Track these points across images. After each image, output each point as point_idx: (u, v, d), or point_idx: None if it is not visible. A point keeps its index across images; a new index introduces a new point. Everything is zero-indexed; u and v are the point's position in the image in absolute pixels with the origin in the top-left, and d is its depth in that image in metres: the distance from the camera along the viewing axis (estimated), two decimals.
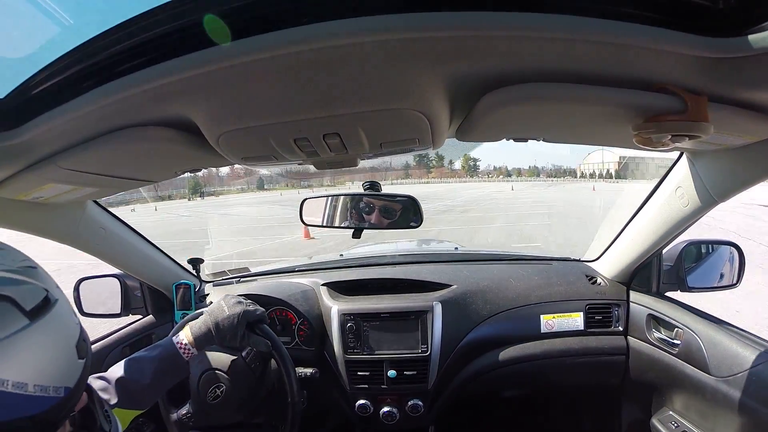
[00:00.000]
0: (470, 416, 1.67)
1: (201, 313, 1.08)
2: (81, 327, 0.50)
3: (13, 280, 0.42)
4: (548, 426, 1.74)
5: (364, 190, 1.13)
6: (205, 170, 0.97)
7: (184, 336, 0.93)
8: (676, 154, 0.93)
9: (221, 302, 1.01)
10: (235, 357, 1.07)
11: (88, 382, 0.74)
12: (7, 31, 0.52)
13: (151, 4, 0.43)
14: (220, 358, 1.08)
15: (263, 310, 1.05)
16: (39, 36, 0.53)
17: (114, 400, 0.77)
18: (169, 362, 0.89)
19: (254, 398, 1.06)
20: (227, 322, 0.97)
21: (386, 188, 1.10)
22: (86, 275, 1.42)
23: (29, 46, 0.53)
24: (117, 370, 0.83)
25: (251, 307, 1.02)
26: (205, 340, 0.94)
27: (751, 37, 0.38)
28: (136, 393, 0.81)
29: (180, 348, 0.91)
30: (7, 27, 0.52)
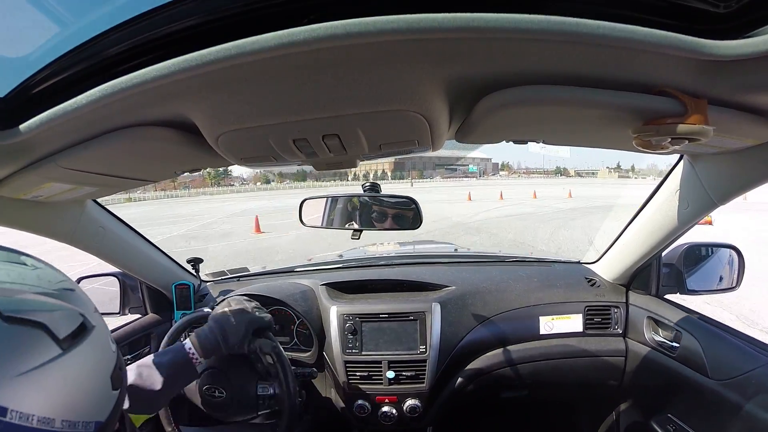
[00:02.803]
0: (468, 417, 1.67)
1: (203, 315, 1.08)
2: (118, 355, 0.47)
3: (47, 304, 0.39)
4: (546, 428, 1.73)
5: (364, 191, 1.13)
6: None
7: (192, 345, 0.92)
8: (677, 156, 0.93)
9: (226, 310, 1.00)
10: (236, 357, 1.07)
11: None
12: (8, 29, 0.52)
13: (152, 3, 0.43)
14: (226, 362, 1.08)
15: (270, 316, 1.05)
16: (40, 35, 0.53)
17: (126, 405, 0.76)
18: (180, 369, 0.89)
19: (251, 399, 1.06)
20: (234, 330, 0.96)
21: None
22: (85, 274, 1.42)
23: (30, 45, 0.53)
24: (129, 375, 0.81)
25: (257, 313, 1.02)
26: (212, 350, 0.94)
27: (752, 40, 0.38)
28: (147, 399, 0.81)
29: (191, 357, 0.91)
30: (8, 26, 0.52)
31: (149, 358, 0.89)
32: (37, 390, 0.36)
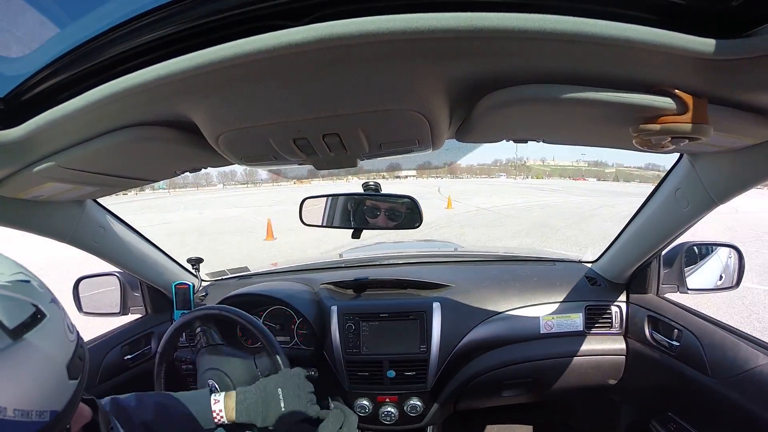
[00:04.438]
0: (469, 417, 1.67)
1: (200, 316, 1.08)
2: (78, 344, 0.47)
3: None
4: (547, 427, 1.74)
5: (364, 190, 1.13)
6: None
7: (224, 405, 0.89)
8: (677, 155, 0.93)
9: (278, 391, 0.94)
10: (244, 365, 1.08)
11: (108, 405, 0.70)
12: (8, 30, 0.52)
13: (152, 3, 0.43)
14: (229, 362, 1.09)
15: (318, 407, 1.00)
16: (40, 35, 0.53)
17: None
18: (199, 422, 0.86)
19: None
20: (280, 417, 0.91)
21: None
22: (85, 274, 1.42)
23: (30, 45, 0.53)
24: (144, 411, 0.78)
25: (310, 403, 0.97)
26: (248, 420, 0.90)
27: (752, 39, 0.38)
28: None
29: (214, 414, 0.88)
30: (8, 26, 0.52)
31: (171, 398, 0.86)
32: None
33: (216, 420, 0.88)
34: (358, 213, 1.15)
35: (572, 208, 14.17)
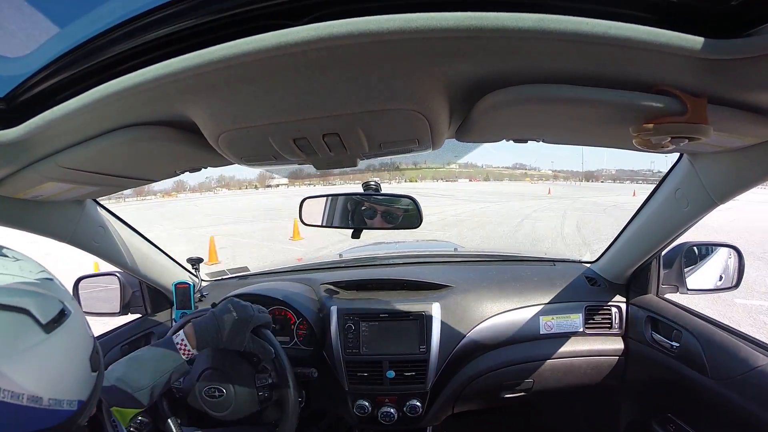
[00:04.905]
0: (469, 417, 1.67)
1: (205, 312, 1.08)
2: (94, 339, 0.51)
3: (30, 292, 0.43)
4: (546, 428, 1.74)
5: (364, 190, 1.13)
6: None
7: (185, 335, 0.93)
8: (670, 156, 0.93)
9: (228, 305, 1.01)
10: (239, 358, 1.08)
11: None
12: (8, 30, 0.52)
13: (152, 3, 0.43)
14: (228, 362, 1.09)
15: (269, 316, 1.06)
16: (40, 35, 0.53)
17: (113, 401, 0.77)
18: (168, 361, 0.89)
19: (251, 393, 1.06)
20: (234, 326, 0.96)
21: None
22: (86, 274, 1.42)
23: (30, 45, 0.53)
24: (116, 369, 0.83)
25: (258, 312, 1.03)
26: (207, 342, 0.94)
27: (751, 39, 0.38)
28: (135, 393, 0.81)
29: (179, 348, 0.91)
30: (8, 26, 0.52)
31: (137, 352, 0.90)
32: (26, 370, 0.40)
33: (183, 352, 0.91)
34: (357, 213, 1.15)
35: (489, 223, 10.98)
